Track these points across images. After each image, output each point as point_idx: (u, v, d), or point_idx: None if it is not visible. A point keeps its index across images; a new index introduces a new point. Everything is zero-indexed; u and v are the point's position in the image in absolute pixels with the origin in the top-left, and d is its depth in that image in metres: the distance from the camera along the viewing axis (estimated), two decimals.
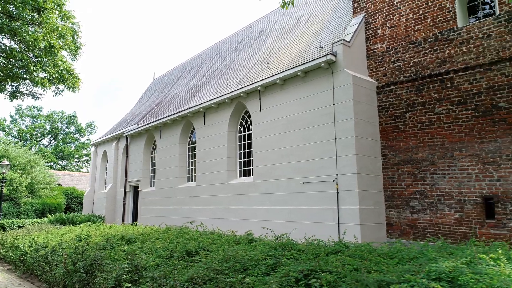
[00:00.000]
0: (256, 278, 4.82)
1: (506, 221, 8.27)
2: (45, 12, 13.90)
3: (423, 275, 3.79)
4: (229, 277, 4.97)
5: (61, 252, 7.29)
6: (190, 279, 5.06)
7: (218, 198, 14.33)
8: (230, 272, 5.29)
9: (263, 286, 4.25)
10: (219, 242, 7.87)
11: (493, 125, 8.68)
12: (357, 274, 4.36)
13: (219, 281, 4.84)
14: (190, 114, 16.35)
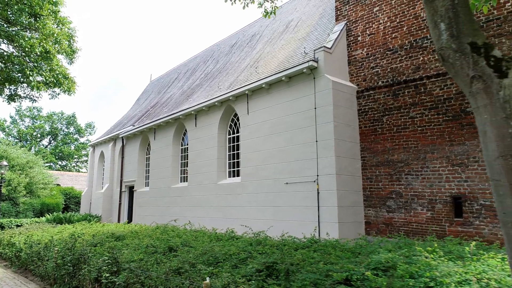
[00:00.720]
0: (224, 270, 5.33)
1: (473, 220, 8.78)
2: (41, 18, 14.43)
3: (363, 265, 4.30)
4: (200, 269, 5.48)
5: (53, 248, 7.82)
6: (166, 271, 5.57)
7: (208, 198, 14.85)
8: (204, 265, 5.81)
9: (227, 276, 4.76)
10: (202, 239, 8.39)
11: (462, 129, 9.19)
12: (313, 265, 4.88)
13: (191, 273, 5.35)
14: (182, 117, 16.88)
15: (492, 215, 8.51)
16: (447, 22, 3.30)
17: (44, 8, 14.25)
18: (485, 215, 8.62)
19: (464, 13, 3.28)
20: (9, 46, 15.23)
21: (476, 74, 3.14)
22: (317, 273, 4.32)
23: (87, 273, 6.04)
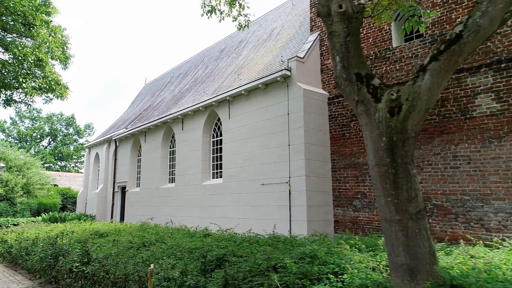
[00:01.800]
0: (183, 261, 6.11)
1: (427, 218, 9.52)
2: (35, 28, 15.23)
3: (291, 255, 5.07)
4: (164, 260, 6.26)
5: (39, 244, 8.62)
6: (135, 262, 6.35)
7: (194, 198, 15.62)
8: (167, 257, 6.58)
9: (182, 265, 5.53)
10: (176, 236, 9.16)
11: (418, 134, 9.94)
12: (256, 257, 5.65)
13: (156, 264, 6.13)
14: (170, 120, 17.66)
15: (442, 214, 9.27)
16: (340, 55, 4.07)
17: (37, 18, 15.02)
18: (437, 214, 9.38)
19: (354, 49, 4.06)
20: (5, 54, 16.04)
21: (359, 99, 3.92)
22: (253, 262, 5.09)
23: (63, 265, 6.84)
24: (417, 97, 3.70)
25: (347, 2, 4.12)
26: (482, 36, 3.57)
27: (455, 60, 3.63)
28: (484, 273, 3.84)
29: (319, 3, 4.36)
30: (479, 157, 8.81)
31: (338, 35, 4.13)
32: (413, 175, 3.75)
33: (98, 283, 5.84)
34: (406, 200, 3.70)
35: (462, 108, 9.22)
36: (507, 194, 8.32)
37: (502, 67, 8.67)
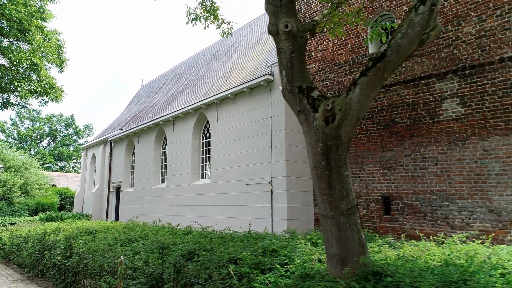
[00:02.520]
0: (155, 255, 6.62)
1: (398, 216, 10.05)
2: (30, 33, 15.78)
3: (251, 249, 5.59)
4: (140, 254, 6.78)
5: (29, 241, 9.14)
6: (114, 255, 6.87)
7: (184, 197, 16.14)
8: (146, 252, 7.10)
9: (155, 258, 6.03)
10: (160, 233, 9.68)
11: (391, 137, 10.45)
12: (225, 251, 6.16)
13: (149, 259, 6.65)
14: (162, 122, 18.19)
15: (412, 212, 9.78)
16: (286, 70, 4.59)
17: (32, 24, 15.55)
18: (408, 213, 9.88)
19: (298, 64, 4.57)
20: (1, 58, 16.60)
21: (301, 109, 4.43)
22: (217, 256, 5.61)
23: (48, 259, 7.36)
24: (348, 107, 4.21)
25: (292, 22, 4.63)
26: (403, 55, 4.08)
27: (381, 76, 4.14)
28: (406, 262, 4.34)
29: (270, 22, 4.88)
30: (445, 158, 9.31)
31: (284, 51, 4.64)
32: (346, 176, 4.26)
33: (78, 274, 6.38)
34: (338, 198, 4.21)
35: (430, 112, 9.72)
36: (470, 194, 8.82)
37: (466, 74, 9.17)
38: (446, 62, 9.59)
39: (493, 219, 8.41)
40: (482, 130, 8.77)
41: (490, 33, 8.92)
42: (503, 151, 8.42)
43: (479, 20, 9.13)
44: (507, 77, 8.53)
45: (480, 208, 8.62)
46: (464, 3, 9.46)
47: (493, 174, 8.51)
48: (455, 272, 3.71)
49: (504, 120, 8.47)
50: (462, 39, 9.38)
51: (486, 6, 9.06)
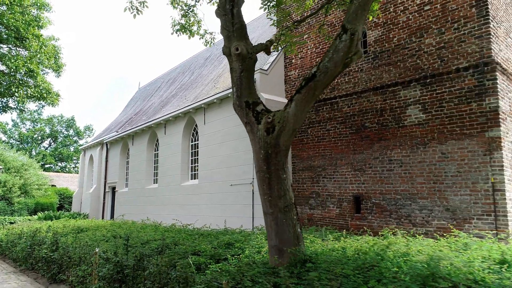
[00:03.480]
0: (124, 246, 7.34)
1: (367, 215, 10.75)
2: (27, 41, 16.57)
3: (215, 243, 6.32)
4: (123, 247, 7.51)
5: (23, 237, 9.90)
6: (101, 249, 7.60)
7: (174, 197, 16.89)
8: (128, 246, 7.83)
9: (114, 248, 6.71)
10: (144, 231, 10.41)
11: (361, 140, 11.16)
12: (191, 245, 6.88)
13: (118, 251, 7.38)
14: (154, 125, 18.94)
15: (380, 211, 10.48)
16: (236, 87, 5.32)
17: (29, 32, 16.33)
18: (375, 211, 10.59)
19: (246, 82, 5.30)
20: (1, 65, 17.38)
21: (247, 121, 5.16)
22: (183, 248, 6.34)
23: (38, 253, 8.12)
24: (286, 120, 4.92)
25: (242, 46, 5.35)
26: (330, 76, 4.79)
27: (312, 93, 4.85)
28: (333, 252, 5.04)
29: (224, 45, 5.59)
30: (409, 161, 10.01)
31: (235, 71, 5.36)
32: (283, 179, 4.98)
33: (62, 266, 7.10)
34: (277, 197, 4.93)
35: (396, 117, 10.42)
36: (430, 194, 9.52)
37: (427, 82, 9.87)
38: (410, 71, 10.30)
39: (449, 217, 9.11)
40: (440, 135, 9.47)
41: (448, 44, 9.62)
42: (458, 155, 9.12)
43: (439, 32, 9.83)
44: (462, 86, 9.23)
45: (438, 207, 9.32)
46: (426, 16, 10.16)
47: (449, 176, 9.21)
48: (369, 259, 4.42)
49: (459, 126, 9.17)
50: (424, 49, 10.08)
51: (445, 19, 9.75)
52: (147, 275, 4.76)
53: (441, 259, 4.01)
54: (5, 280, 7.66)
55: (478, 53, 9.05)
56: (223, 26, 5.56)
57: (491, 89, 8.75)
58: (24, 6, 16.15)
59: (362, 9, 4.68)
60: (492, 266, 4.01)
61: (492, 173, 8.53)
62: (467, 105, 9.10)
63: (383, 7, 11.15)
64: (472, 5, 9.29)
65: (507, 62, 9.73)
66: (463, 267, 3.85)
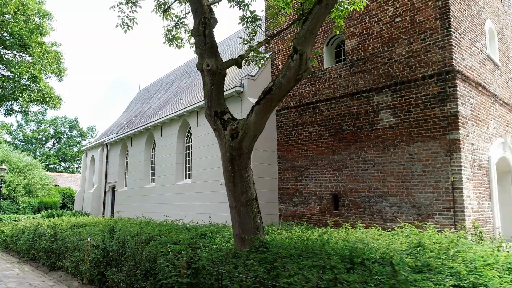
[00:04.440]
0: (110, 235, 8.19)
1: (344, 211, 11.57)
2: (31, 48, 17.51)
3: (193, 234, 7.17)
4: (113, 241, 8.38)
5: (26, 232, 10.81)
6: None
7: (170, 196, 17.76)
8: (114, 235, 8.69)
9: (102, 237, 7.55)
10: (137, 226, 11.27)
11: (339, 142, 11.98)
12: (173, 236, 7.74)
13: (106, 240, 8.25)
14: (151, 127, 19.84)
15: (355, 208, 11.29)
16: (207, 98, 6.17)
17: (32, 40, 17.28)
18: (351, 208, 11.40)
19: (216, 94, 6.15)
20: (4, 70, 18.36)
21: (216, 128, 6.02)
22: (166, 239, 7.20)
23: (39, 245, 9.01)
24: (247, 127, 5.76)
25: (212, 62, 6.19)
26: (284, 90, 5.63)
27: (269, 105, 5.69)
28: (287, 240, 5.87)
29: (198, 61, 6.44)
30: (381, 161, 10.82)
31: (206, 84, 6.21)
32: (245, 177, 5.82)
33: (60, 255, 7.98)
34: (240, 193, 5.77)
35: (370, 121, 11.23)
36: (399, 192, 10.33)
37: (397, 88, 10.67)
38: (382, 78, 11.10)
39: (415, 213, 9.92)
40: (408, 137, 10.28)
41: (416, 54, 10.42)
42: (423, 156, 9.92)
43: (408, 43, 10.63)
44: (427, 92, 10.03)
45: (406, 203, 10.13)
46: (397, 27, 10.96)
47: (415, 175, 10.02)
48: (315, 245, 5.25)
49: (424, 129, 9.97)
50: (395, 58, 10.89)
51: (413, 30, 10.56)
52: (126, 257, 5.62)
53: (363, 243, 4.82)
54: (10, 268, 8.54)
55: (441, 62, 9.86)
56: (197, 45, 6.41)
57: (451, 96, 9.55)
58: (27, 15, 17.10)
59: (310, 33, 5.51)
60: (410, 250, 4.83)
61: (452, 173, 9.33)
62: (431, 110, 9.90)
63: (359, 17, 11.96)
64: (437, 17, 10.09)
65: (470, 70, 10.53)
66: (381, 249, 4.66)
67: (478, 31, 11.45)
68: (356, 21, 12.05)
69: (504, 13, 14.28)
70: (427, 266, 3.97)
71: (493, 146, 11.07)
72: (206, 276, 4.25)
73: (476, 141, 10.18)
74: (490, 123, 11.22)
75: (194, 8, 6.44)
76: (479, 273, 3.80)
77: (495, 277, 3.72)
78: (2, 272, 8.02)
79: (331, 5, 5.57)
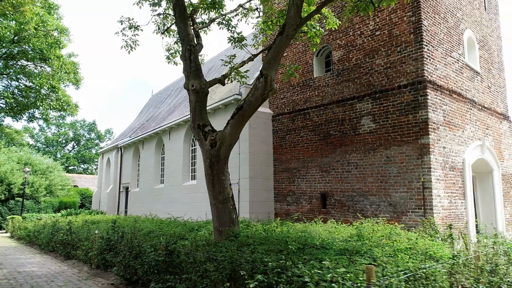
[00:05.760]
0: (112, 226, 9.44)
1: (330, 209, 12.59)
2: (50, 61, 19.13)
3: (185, 228, 8.37)
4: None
5: (46, 227, 12.27)
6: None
7: (177, 196, 19.09)
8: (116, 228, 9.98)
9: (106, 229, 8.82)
10: (142, 222, 12.57)
11: (327, 146, 12.99)
12: (168, 230, 8.95)
13: (109, 232, 9.51)
14: (160, 132, 21.23)
15: (340, 206, 12.29)
16: (192, 113, 7.35)
17: (51, 53, 18.89)
18: (337, 206, 12.41)
19: (199, 110, 7.33)
20: (27, 81, 20.07)
21: (198, 138, 7.20)
22: (163, 232, 8.42)
23: (56, 238, 10.41)
24: (224, 138, 6.91)
25: (196, 83, 7.36)
26: (254, 107, 6.74)
27: (241, 119, 6.82)
28: (257, 232, 6.97)
29: (185, 82, 7.61)
30: (362, 163, 11.80)
31: (191, 101, 7.39)
32: (223, 180, 6.96)
33: (74, 246, 9.33)
34: (218, 193, 6.92)
35: (353, 126, 12.21)
36: (377, 191, 11.29)
37: (376, 97, 11.63)
38: (364, 87, 12.07)
39: (391, 211, 10.87)
40: (386, 142, 11.23)
41: (393, 65, 11.36)
42: (399, 158, 10.87)
43: (386, 54, 11.58)
44: (402, 100, 10.96)
45: (384, 202, 11.09)
46: (377, 40, 11.92)
47: (392, 176, 10.97)
48: (274, 235, 6.36)
49: (400, 134, 10.90)
50: (375, 68, 11.85)
51: (390, 43, 11.50)
52: (123, 244, 6.85)
53: (308, 233, 5.89)
54: (32, 257, 9.96)
55: (414, 73, 10.78)
56: (184, 68, 7.60)
57: (423, 104, 10.47)
58: (47, 30, 18.70)
59: (274, 60, 6.60)
60: (349, 238, 5.86)
61: (422, 174, 10.25)
62: (405, 116, 10.83)
63: (344, 31, 12.95)
64: (411, 32, 11.01)
65: (445, 79, 11.40)
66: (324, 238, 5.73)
67: (455, 41, 12.28)
68: (341, 34, 13.04)
69: (489, 20, 14.99)
70: (353, 249, 5.01)
71: (468, 149, 11.89)
72: (178, 255, 5.42)
73: (449, 144, 11.04)
74: (466, 127, 12.04)
75: (182, 37, 7.62)
76: (392, 256, 4.82)
77: (403, 259, 4.73)
78: (26, 260, 9.44)
79: (291, 36, 6.63)
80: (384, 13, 11.76)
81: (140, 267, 6.00)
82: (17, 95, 19.69)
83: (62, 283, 7.09)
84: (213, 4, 9.80)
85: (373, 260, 4.71)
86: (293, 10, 6.48)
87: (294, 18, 6.49)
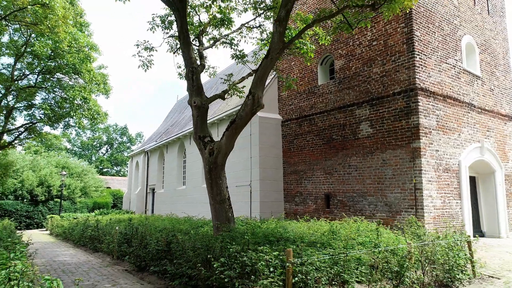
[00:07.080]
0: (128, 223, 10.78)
1: (333, 209, 13.44)
2: (81, 74, 21.03)
3: (193, 225, 9.58)
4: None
5: (78, 225, 13.93)
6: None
7: (197, 196, 20.46)
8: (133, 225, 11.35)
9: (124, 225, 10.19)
10: (161, 220, 13.94)
11: (330, 149, 13.85)
12: (178, 226, 10.19)
13: (127, 228, 10.90)
14: (182, 136, 22.72)
15: (342, 206, 13.12)
16: (194, 126, 8.54)
17: (83, 67, 20.78)
18: (339, 206, 13.25)
19: (201, 124, 8.51)
20: (62, 93, 22.10)
21: (199, 147, 8.38)
22: (174, 228, 9.67)
23: (87, 234, 11.97)
24: (220, 147, 8.03)
25: (198, 100, 8.53)
26: (245, 121, 7.82)
27: (235, 132, 7.92)
28: (251, 228, 8.02)
29: (188, 99, 8.80)
30: (362, 166, 12.59)
31: (194, 116, 8.56)
32: (220, 183, 8.08)
33: (100, 240, 10.80)
34: (215, 194, 8.05)
35: (353, 131, 13.01)
36: (375, 192, 12.05)
37: (373, 103, 12.39)
38: (363, 94, 12.85)
39: (387, 210, 11.61)
40: (382, 145, 11.98)
41: (388, 73, 12.09)
42: (393, 161, 11.59)
43: (382, 63, 12.31)
44: (396, 107, 11.68)
45: (380, 202, 11.85)
46: (374, 50, 12.66)
47: (387, 178, 11.71)
48: (262, 231, 7.40)
49: (394, 138, 11.63)
50: (372, 77, 12.60)
51: (386, 53, 12.22)
52: (136, 237, 8.13)
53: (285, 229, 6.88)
54: (66, 250, 11.58)
55: (407, 81, 11.48)
56: (188, 86, 8.79)
57: (414, 110, 11.15)
58: (79, 46, 20.60)
59: (260, 80, 7.65)
60: (320, 233, 6.80)
61: (414, 176, 10.95)
62: (399, 122, 11.55)
63: (345, 41, 13.76)
64: (404, 42, 11.71)
65: (439, 85, 11.99)
66: (299, 232, 6.70)
67: (452, 48, 12.81)
68: (343, 44, 13.86)
69: (492, 24, 15.28)
70: (317, 241, 5.96)
71: (465, 151, 12.39)
72: (176, 245, 6.62)
73: (443, 147, 11.64)
74: (463, 130, 12.55)
75: (185, 60, 8.82)
76: (353, 247, 5.75)
77: (360, 250, 5.65)
78: (61, 252, 11.05)
79: (275, 59, 7.65)
80: (380, 24, 12.50)
81: (146, 256, 7.29)
82: (54, 106, 21.77)
83: (86, 268, 8.55)
84: (222, 22, 11.02)
85: (333, 249, 5.67)
86: (276, 37, 7.50)
87: (277, 43, 7.51)
